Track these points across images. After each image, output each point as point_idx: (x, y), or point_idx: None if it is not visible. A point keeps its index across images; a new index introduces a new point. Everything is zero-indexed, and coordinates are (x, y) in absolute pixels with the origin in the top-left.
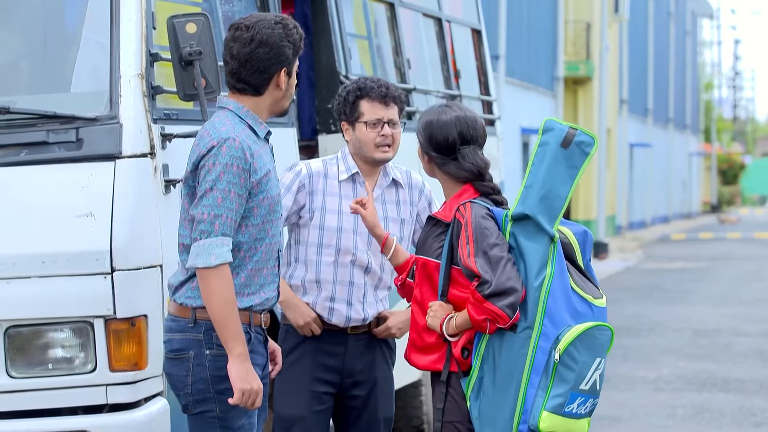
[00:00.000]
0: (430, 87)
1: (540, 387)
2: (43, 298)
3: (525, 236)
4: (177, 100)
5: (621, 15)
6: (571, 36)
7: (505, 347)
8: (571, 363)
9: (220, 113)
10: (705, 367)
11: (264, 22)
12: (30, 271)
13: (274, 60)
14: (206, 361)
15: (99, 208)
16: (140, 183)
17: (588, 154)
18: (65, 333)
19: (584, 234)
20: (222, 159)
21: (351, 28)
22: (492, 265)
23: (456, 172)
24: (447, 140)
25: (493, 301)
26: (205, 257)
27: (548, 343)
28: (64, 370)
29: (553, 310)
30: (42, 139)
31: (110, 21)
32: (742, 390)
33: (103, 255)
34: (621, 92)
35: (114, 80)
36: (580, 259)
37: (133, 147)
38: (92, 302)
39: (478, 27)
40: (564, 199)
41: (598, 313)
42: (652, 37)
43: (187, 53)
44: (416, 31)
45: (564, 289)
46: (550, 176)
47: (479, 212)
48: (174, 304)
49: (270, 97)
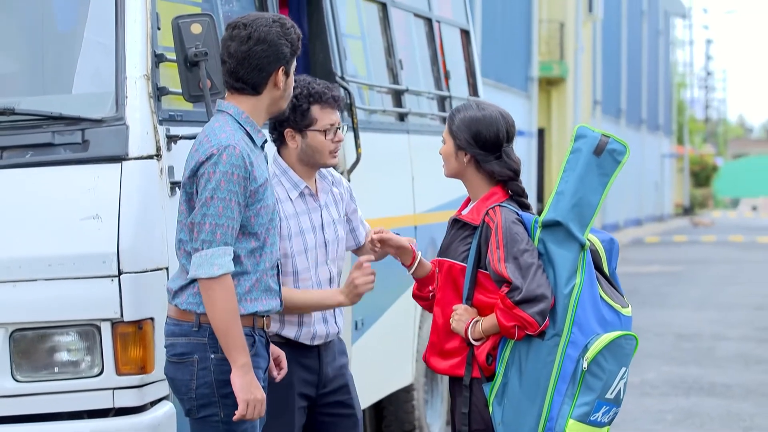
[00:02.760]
0: (422, 88)
1: (567, 395)
2: (50, 301)
3: (555, 243)
4: (182, 101)
5: (595, 14)
6: (545, 36)
7: (532, 354)
8: (598, 372)
9: (220, 118)
10: (690, 371)
11: (261, 20)
12: (36, 274)
13: (272, 58)
14: (211, 365)
15: (106, 210)
16: (147, 185)
17: (620, 162)
18: (71, 336)
19: (611, 242)
20: (222, 167)
21: (345, 28)
22: (522, 271)
23: (499, 170)
24: (497, 136)
25: (523, 308)
26: (207, 268)
27: (576, 351)
28: (70, 373)
29: (582, 318)
30: (48, 141)
31: (115, 22)
32: (729, 395)
33: (110, 257)
34: (594, 93)
35: (120, 81)
36: (606, 267)
37: (139, 149)
38: (99, 305)
39: (466, 27)
40: (595, 206)
41: (626, 322)
42: (626, 36)
43: (192, 54)
44: (407, 31)
45: (593, 297)
46: (582, 184)
47: (509, 217)
48: (175, 309)
49: (268, 97)
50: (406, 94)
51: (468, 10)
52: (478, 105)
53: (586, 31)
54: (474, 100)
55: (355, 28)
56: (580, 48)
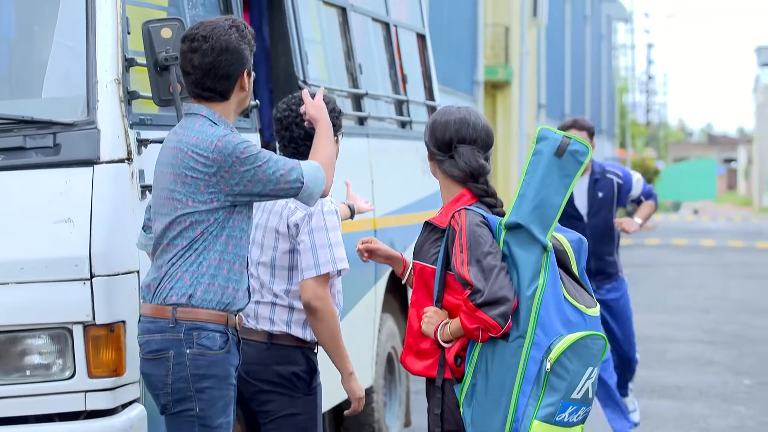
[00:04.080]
0: (380, 92)
1: (531, 396)
2: (22, 305)
3: (518, 245)
4: (151, 105)
5: (539, 19)
6: (490, 40)
7: (497, 356)
8: (562, 372)
9: (194, 119)
10: (641, 373)
11: (219, 30)
12: (8, 277)
13: (237, 64)
14: (186, 360)
15: (77, 214)
16: (118, 188)
17: (582, 163)
18: (43, 339)
19: (579, 242)
20: (239, 144)
21: (306, 32)
22: (485, 273)
23: (450, 170)
24: (444, 137)
25: (485, 310)
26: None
27: (540, 353)
28: (41, 376)
29: (545, 320)
30: (19, 144)
31: (86, 26)
32: (681, 396)
33: (83, 261)
34: (539, 96)
35: (91, 85)
36: (575, 267)
37: (111, 152)
38: (71, 308)
39: (422, 31)
40: (557, 208)
41: (591, 323)
42: (569, 41)
43: (163, 58)
44: (366, 35)
45: (556, 298)
46: (544, 186)
47: (474, 220)
48: (151, 307)
49: (236, 100)
50: (366, 98)
51: (423, 15)
52: (449, 109)
53: (530, 36)
54: (461, 107)
55: (315, 32)
56: (525, 52)
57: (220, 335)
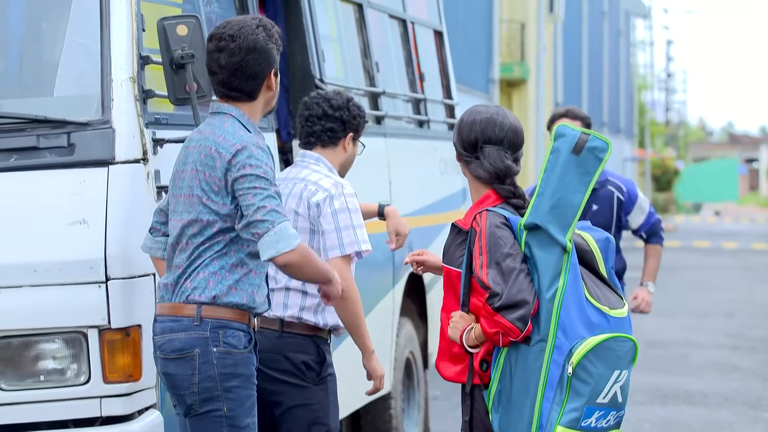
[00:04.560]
0: (397, 90)
1: (555, 401)
2: (35, 309)
3: (538, 246)
4: (166, 104)
5: (556, 14)
6: (505, 36)
7: (520, 360)
8: (585, 376)
9: (225, 119)
10: (664, 380)
11: (246, 28)
12: (21, 281)
13: (264, 64)
14: (213, 359)
15: (92, 215)
16: (133, 189)
17: (602, 160)
18: (57, 344)
19: (606, 241)
20: (258, 161)
21: (323, 29)
22: (504, 276)
23: (476, 171)
24: (470, 137)
25: (503, 314)
26: (285, 242)
27: (562, 357)
28: (56, 382)
29: (566, 323)
30: (32, 144)
31: (100, 23)
32: (707, 403)
33: (98, 263)
34: (556, 95)
35: (105, 84)
36: (602, 267)
37: (126, 152)
38: (86, 312)
39: (439, 28)
40: (577, 206)
41: (616, 324)
42: (587, 37)
43: (178, 56)
44: (383, 32)
45: (578, 300)
46: (562, 184)
47: (494, 221)
48: (172, 305)
49: (263, 100)
50: (383, 97)
51: (441, 11)
52: (477, 109)
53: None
54: (490, 106)
55: (332, 29)
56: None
57: (245, 334)
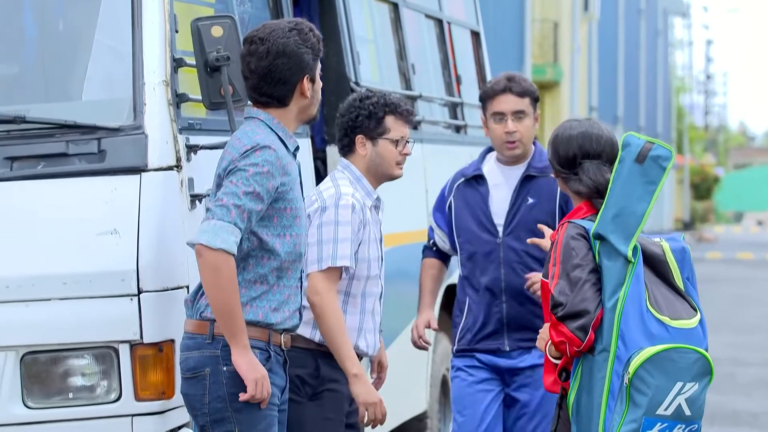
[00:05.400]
0: (433, 93)
1: (616, 412)
2: (64, 322)
3: (606, 256)
4: (201, 109)
5: (591, 13)
6: (537, 36)
7: (588, 370)
8: (642, 387)
9: (251, 123)
10: (711, 398)
11: (278, 32)
12: (50, 293)
13: (295, 69)
14: (223, 379)
15: (124, 225)
16: (167, 198)
17: (665, 168)
18: (87, 359)
19: (682, 251)
20: (255, 160)
21: (358, 30)
22: (571, 286)
23: (575, 187)
24: (568, 153)
25: (566, 324)
26: (211, 236)
27: (621, 366)
28: (85, 399)
29: (626, 332)
30: (61, 151)
31: (132, 24)
32: (757, 424)
33: (129, 275)
34: (590, 98)
35: (138, 87)
36: (677, 277)
37: (159, 159)
38: (117, 326)
39: (476, 29)
40: (640, 216)
41: (678, 335)
42: (623, 37)
43: (213, 59)
44: (419, 33)
45: (639, 310)
46: (624, 194)
47: (571, 232)
48: (191, 322)
49: (296, 107)
50: (419, 100)
51: (478, 10)
52: (570, 123)
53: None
54: (583, 119)
55: (367, 29)
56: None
57: (261, 352)
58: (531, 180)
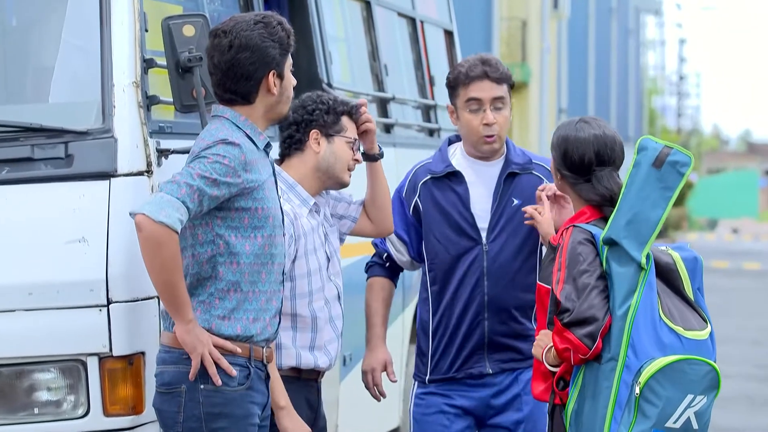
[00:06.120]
0: (406, 95)
1: (622, 423)
2: (30, 335)
3: (616, 262)
4: (172, 112)
5: (560, 11)
6: (505, 36)
7: (592, 379)
8: (653, 398)
9: (216, 122)
10: None
11: (242, 25)
12: (14, 304)
13: (259, 64)
14: (200, 397)
15: (92, 233)
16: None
17: (683, 174)
18: (53, 373)
19: (694, 261)
20: (217, 151)
21: (330, 29)
22: (578, 292)
23: (587, 194)
24: (582, 160)
25: (573, 330)
26: (154, 208)
27: (631, 376)
28: (51, 414)
29: (637, 341)
30: (27, 155)
31: (100, 23)
32: None
33: (98, 285)
34: (559, 99)
35: (107, 89)
36: (688, 288)
37: (129, 164)
38: (85, 338)
39: (450, 28)
40: (655, 222)
41: (690, 346)
42: (593, 36)
43: (185, 59)
44: (391, 32)
45: (651, 319)
46: (639, 199)
47: (577, 237)
48: (168, 335)
49: (262, 105)
50: (392, 103)
51: (451, 8)
52: (580, 125)
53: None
54: (589, 119)
55: (339, 28)
56: (545, 49)
57: (241, 369)
58: (513, 178)
